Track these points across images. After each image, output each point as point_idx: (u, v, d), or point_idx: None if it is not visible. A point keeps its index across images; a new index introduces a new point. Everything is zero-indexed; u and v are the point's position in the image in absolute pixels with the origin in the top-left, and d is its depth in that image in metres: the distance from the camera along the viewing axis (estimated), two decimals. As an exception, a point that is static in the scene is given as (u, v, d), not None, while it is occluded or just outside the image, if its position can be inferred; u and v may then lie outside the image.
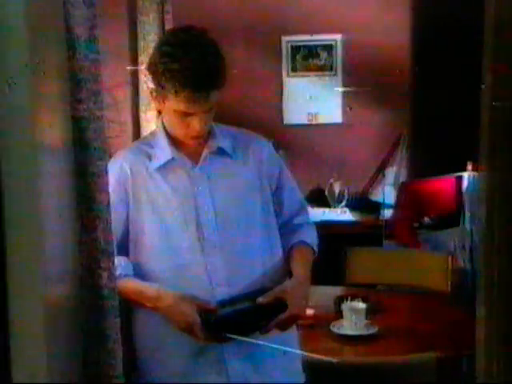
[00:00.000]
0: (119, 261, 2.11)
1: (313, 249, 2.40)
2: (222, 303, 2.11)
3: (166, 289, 2.12)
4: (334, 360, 2.21)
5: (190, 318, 2.05)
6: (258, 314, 2.12)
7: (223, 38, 2.21)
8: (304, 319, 2.53)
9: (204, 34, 2.14)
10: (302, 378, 2.32)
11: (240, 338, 2.06)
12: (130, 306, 2.19)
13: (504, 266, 1.12)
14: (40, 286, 1.14)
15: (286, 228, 2.38)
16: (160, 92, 2.11)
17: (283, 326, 2.16)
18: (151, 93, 2.19)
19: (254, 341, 2.09)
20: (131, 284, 2.15)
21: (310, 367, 2.34)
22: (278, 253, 2.31)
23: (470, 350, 1.34)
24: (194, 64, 2.04)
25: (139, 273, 2.19)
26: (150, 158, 2.22)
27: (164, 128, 2.23)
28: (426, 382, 2.54)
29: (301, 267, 2.29)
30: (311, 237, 2.42)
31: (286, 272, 2.31)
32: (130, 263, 2.19)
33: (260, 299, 2.11)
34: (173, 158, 2.20)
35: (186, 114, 2.10)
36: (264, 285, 2.18)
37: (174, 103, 2.09)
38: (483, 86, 1.20)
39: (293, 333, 2.29)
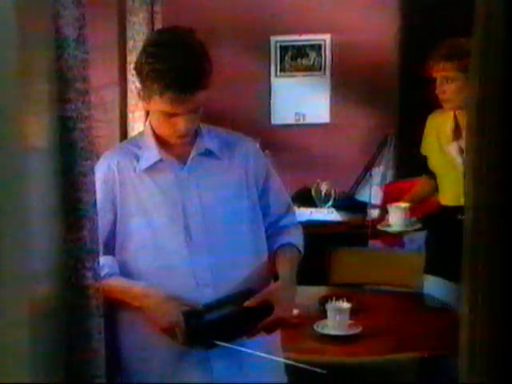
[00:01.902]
0: (106, 260, 2.11)
1: (299, 250, 2.40)
2: (208, 306, 2.11)
3: (153, 287, 2.13)
4: (320, 370, 2.20)
5: (173, 317, 2.05)
6: (245, 318, 2.12)
7: (212, 38, 2.22)
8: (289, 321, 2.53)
9: (189, 34, 2.14)
10: (284, 377, 2.32)
11: (224, 344, 2.06)
12: (114, 305, 2.19)
13: (488, 266, 1.13)
14: (24, 285, 1.14)
15: (273, 229, 2.38)
16: (145, 92, 2.12)
17: (269, 329, 2.16)
18: (138, 93, 2.20)
19: (238, 348, 2.09)
20: (118, 282, 2.15)
21: (293, 367, 2.35)
22: (264, 254, 2.31)
23: (453, 350, 1.35)
24: (177, 65, 2.04)
25: (125, 273, 2.19)
26: (137, 158, 2.22)
27: (152, 129, 2.23)
28: (408, 382, 2.55)
29: (287, 269, 2.29)
30: (298, 238, 2.42)
31: (272, 273, 2.32)
32: (117, 263, 2.19)
33: (247, 303, 2.11)
34: (160, 159, 2.20)
35: (171, 115, 2.11)
36: (250, 286, 2.19)
37: (158, 103, 2.09)
38: (470, 84, 1.21)
39: (275, 334, 2.31)
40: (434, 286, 3.45)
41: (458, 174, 3.29)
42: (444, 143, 3.41)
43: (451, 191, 3.36)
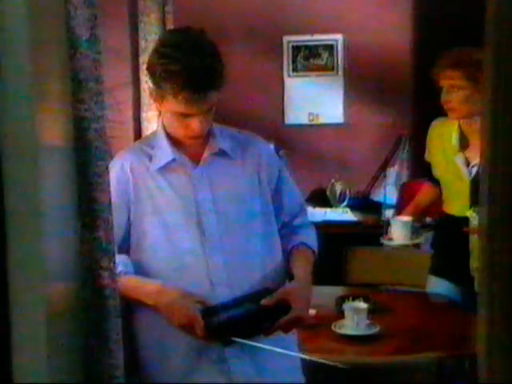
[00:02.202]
0: (120, 259, 2.11)
1: (313, 250, 2.39)
2: (224, 305, 2.11)
3: (168, 285, 2.13)
4: (340, 365, 2.19)
5: (190, 313, 2.04)
6: (261, 317, 2.12)
7: (224, 39, 2.22)
8: (306, 320, 2.52)
9: (201, 34, 2.14)
10: (302, 378, 2.32)
11: (242, 341, 2.06)
12: (130, 305, 2.19)
13: (505, 266, 1.12)
14: (41, 286, 1.14)
15: (286, 229, 2.38)
16: (159, 93, 2.12)
17: (286, 328, 2.16)
18: (151, 93, 2.20)
19: (255, 344, 2.08)
20: (132, 280, 2.16)
21: (311, 367, 2.34)
22: (278, 253, 2.31)
23: (472, 350, 1.34)
24: (191, 65, 2.04)
25: (140, 272, 2.19)
26: (150, 158, 2.22)
27: (164, 128, 2.23)
28: (427, 382, 2.54)
29: (302, 269, 2.29)
30: (311, 238, 2.42)
31: (286, 273, 2.31)
32: (131, 262, 2.19)
33: (264, 302, 2.11)
34: (173, 159, 2.20)
35: (184, 115, 2.11)
36: (264, 285, 2.19)
37: (172, 104, 2.09)
38: (484, 86, 1.20)
39: (293, 333, 2.30)
40: (436, 287, 3.44)
41: (464, 185, 3.27)
42: (450, 154, 3.36)
43: (456, 202, 3.34)
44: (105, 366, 1.42)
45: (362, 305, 2.93)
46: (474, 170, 3.24)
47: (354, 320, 2.87)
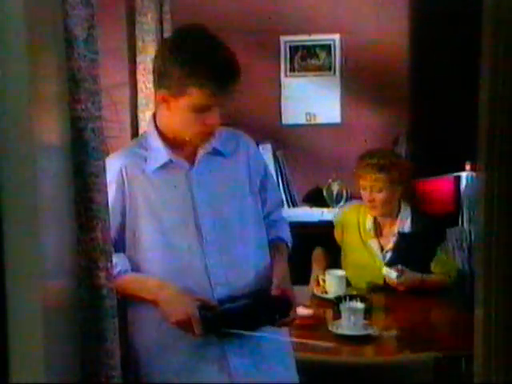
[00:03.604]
0: (119, 258, 2.12)
1: (287, 244, 2.45)
2: (222, 301, 2.12)
3: (170, 281, 2.14)
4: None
5: (189, 309, 2.06)
6: (259, 310, 2.13)
7: (222, 39, 2.20)
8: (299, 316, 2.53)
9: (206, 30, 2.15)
10: (297, 377, 2.32)
11: (234, 331, 2.08)
12: (128, 304, 2.20)
13: (502, 266, 1.12)
14: (38, 285, 1.14)
15: (264, 222, 2.41)
16: (178, 90, 2.08)
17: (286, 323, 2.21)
18: (157, 100, 2.16)
19: (246, 333, 2.10)
20: (132, 277, 2.16)
21: (308, 367, 2.34)
22: (267, 249, 2.35)
23: (469, 351, 1.34)
24: (216, 56, 2.04)
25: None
26: (145, 160, 2.21)
27: (157, 130, 2.22)
28: (423, 383, 2.54)
29: (281, 264, 2.33)
30: (286, 232, 2.48)
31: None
32: (128, 260, 2.19)
33: (273, 292, 2.16)
34: (169, 160, 2.19)
35: (204, 108, 2.08)
36: (260, 282, 2.21)
37: (195, 98, 2.05)
38: (481, 85, 1.20)
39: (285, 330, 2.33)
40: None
41: (376, 267, 3.50)
42: (365, 238, 3.59)
43: (363, 279, 3.52)
44: (102, 366, 1.42)
45: (359, 305, 2.93)
46: (388, 255, 3.52)
47: (351, 320, 2.87)
